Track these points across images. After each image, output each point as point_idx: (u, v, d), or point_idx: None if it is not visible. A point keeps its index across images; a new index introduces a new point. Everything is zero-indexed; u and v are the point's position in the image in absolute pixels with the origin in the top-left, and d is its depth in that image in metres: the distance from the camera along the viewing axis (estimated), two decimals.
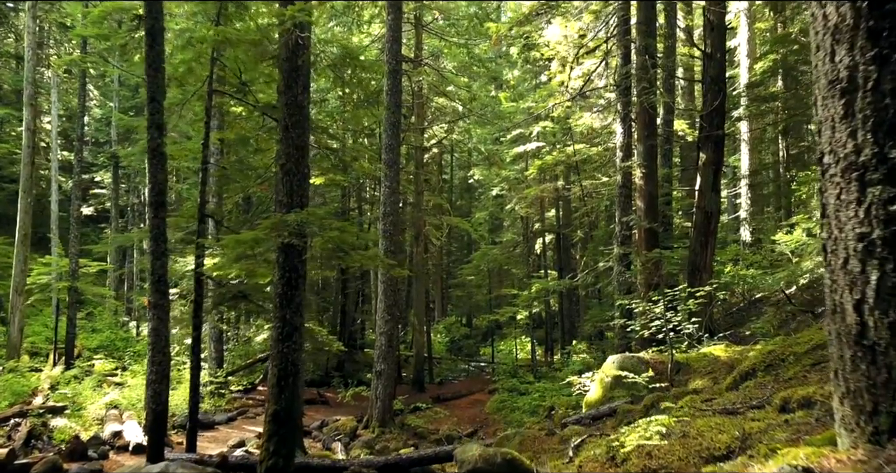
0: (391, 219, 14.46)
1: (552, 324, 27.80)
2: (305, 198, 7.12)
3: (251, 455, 10.01)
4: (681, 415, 4.28)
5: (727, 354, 8.27)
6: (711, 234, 12.39)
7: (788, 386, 4.73)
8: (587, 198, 21.91)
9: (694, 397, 5.45)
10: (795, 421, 3.16)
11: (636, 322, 10.01)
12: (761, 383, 5.16)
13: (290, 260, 6.91)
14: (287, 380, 6.79)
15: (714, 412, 4.24)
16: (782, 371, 5.27)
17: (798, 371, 5.07)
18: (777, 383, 5.01)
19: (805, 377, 4.84)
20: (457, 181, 41.06)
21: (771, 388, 4.84)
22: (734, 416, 3.96)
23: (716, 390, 6.57)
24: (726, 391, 5.77)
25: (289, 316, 6.88)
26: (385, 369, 14.35)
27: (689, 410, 4.66)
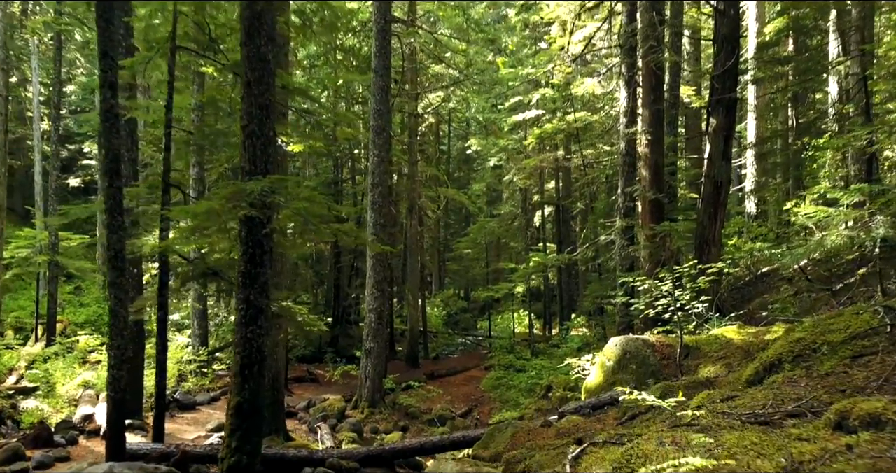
0: (380, 190, 13.64)
1: (550, 298, 27.16)
2: (271, 164, 6.30)
3: None
4: (702, 423, 3.53)
5: (741, 337, 7.54)
6: (721, 206, 11.58)
7: (828, 384, 3.99)
8: (588, 168, 21.04)
9: (711, 393, 4.71)
10: (862, 448, 2.42)
11: (640, 300, 9.26)
12: (791, 378, 4.42)
13: (253, 235, 6.12)
14: (252, 369, 6.06)
15: (742, 420, 3.50)
16: (815, 364, 4.53)
17: (835, 364, 4.33)
18: (811, 379, 4.27)
19: (846, 373, 4.09)
20: (455, 152, 40.09)
21: (805, 386, 4.10)
22: (770, 428, 3.22)
23: (732, 380, 5.85)
24: (747, 384, 5.03)
25: (253, 297, 6.12)
26: (374, 347, 13.69)
27: (709, 414, 3.93)
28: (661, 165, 12.03)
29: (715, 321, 8.52)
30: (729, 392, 4.62)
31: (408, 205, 21.06)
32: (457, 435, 7.60)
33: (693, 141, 21.45)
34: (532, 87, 22.41)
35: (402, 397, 14.93)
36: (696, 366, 7.19)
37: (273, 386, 10.60)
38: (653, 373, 7.48)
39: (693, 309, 8.34)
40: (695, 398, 4.73)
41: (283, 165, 10.89)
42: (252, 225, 6.13)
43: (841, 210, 7.07)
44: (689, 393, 5.93)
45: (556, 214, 25.30)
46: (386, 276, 14.15)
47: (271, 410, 10.59)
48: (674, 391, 6.15)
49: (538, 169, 23.07)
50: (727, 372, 6.44)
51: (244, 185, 5.75)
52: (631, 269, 12.40)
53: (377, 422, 13.18)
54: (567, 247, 22.46)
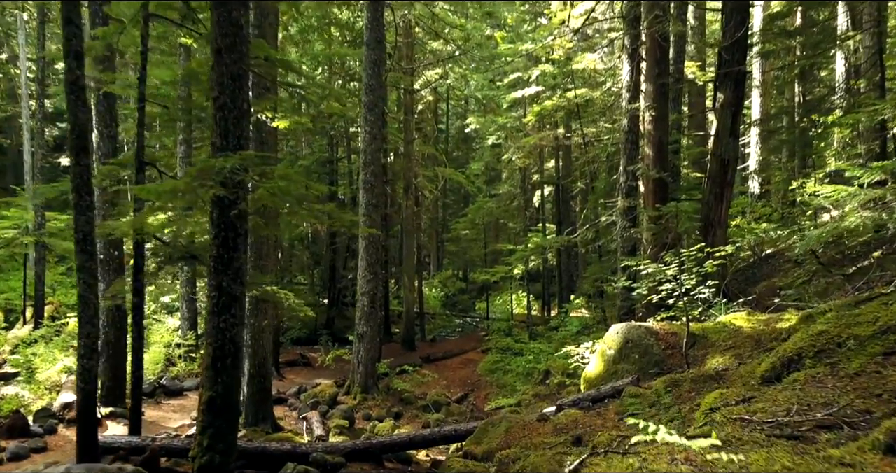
0: (372, 168, 13.11)
1: (549, 278, 26.73)
2: (244, 139, 5.78)
3: None
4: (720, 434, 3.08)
5: (750, 325, 7.09)
6: (728, 185, 11.07)
7: (859, 387, 3.53)
8: (588, 146, 20.45)
9: (724, 392, 4.25)
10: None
11: (642, 284, 8.78)
12: (814, 377, 3.97)
13: (225, 216, 5.63)
14: (224, 361, 5.61)
15: (766, 431, 3.04)
16: (841, 360, 4.07)
17: (865, 362, 3.87)
18: (838, 379, 3.82)
19: (879, 373, 3.63)
20: (453, 131, 39.42)
21: (833, 388, 3.64)
22: (802, 444, 2.76)
23: (744, 374, 5.40)
24: (763, 381, 4.58)
25: (226, 283, 5.64)
26: (367, 331, 13.27)
27: (726, 420, 3.48)
28: (666, 143, 11.49)
29: (722, 307, 8.07)
30: (744, 391, 4.16)
31: (404, 184, 20.51)
32: (448, 429, 7.20)
33: (696, 118, 20.87)
34: (532, 64, 21.73)
35: (396, 382, 14.54)
36: (703, 356, 6.75)
37: (259, 373, 10.21)
38: (656, 363, 7.05)
39: (699, 294, 7.89)
40: (706, 397, 4.28)
41: (268, 143, 10.37)
42: (224, 205, 5.64)
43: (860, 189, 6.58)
44: (696, 388, 5.49)
45: (555, 194, 24.76)
46: (379, 258, 13.68)
47: (258, 398, 10.21)
48: (680, 384, 5.72)
49: (537, 147, 22.48)
50: (737, 363, 5.99)
51: (213, 162, 5.25)
52: (632, 251, 11.93)
53: (370, 408, 12.81)
54: (567, 228, 21.97)
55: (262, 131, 10.12)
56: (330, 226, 10.11)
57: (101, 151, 10.85)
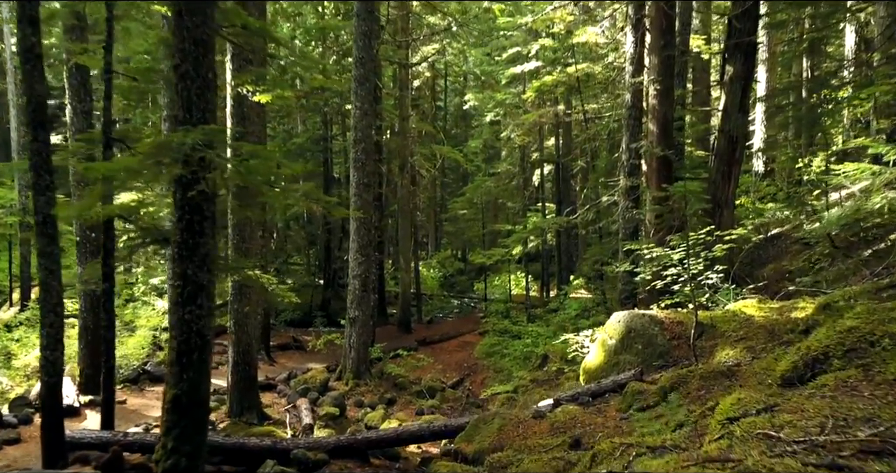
0: (363, 146, 12.53)
1: (549, 258, 26.22)
2: (210, 113, 5.23)
3: None
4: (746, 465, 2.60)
5: (762, 313, 6.61)
6: (736, 163, 10.55)
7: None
8: (589, 123, 19.81)
9: (742, 397, 3.75)
10: None
11: (645, 268, 8.28)
12: (846, 383, 3.48)
13: (191, 199, 5.11)
14: (191, 356, 5.13)
15: (800, 457, 2.56)
16: (876, 363, 3.59)
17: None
18: (874, 386, 3.33)
19: None
20: (452, 108, 38.66)
21: (871, 397, 3.15)
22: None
23: (759, 371, 4.92)
24: (783, 383, 4.10)
25: (191, 271, 5.14)
26: (359, 315, 12.81)
27: (748, 436, 3.00)
28: (671, 118, 10.91)
29: (731, 293, 7.58)
30: (765, 396, 3.67)
31: (399, 163, 19.93)
32: (438, 424, 6.76)
33: (700, 94, 20.22)
34: (531, 38, 21.01)
35: (389, 366, 14.13)
36: (712, 348, 6.27)
37: (244, 360, 9.77)
38: (661, 355, 6.58)
39: (706, 280, 7.40)
40: (721, 402, 3.79)
41: (251, 118, 9.79)
42: (188, 186, 5.11)
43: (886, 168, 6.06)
44: (706, 386, 5.02)
45: (555, 173, 24.16)
46: (371, 240, 13.17)
47: (243, 386, 9.78)
48: (688, 380, 5.25)
49: (537, 124, 21.84)
50: (750, 357, 5.51)
51: (171, 137, 4.71)
52: (634, 233, 11.42)
53: (362, 395, 12.40)
54: (567, 207, 21.43)
55: (244, 106, 9.54)
56: (308, 208, 9.59)
57: (76, 127, 10.30)
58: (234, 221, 9.59)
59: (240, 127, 9.50)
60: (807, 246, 12.06)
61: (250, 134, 9.66)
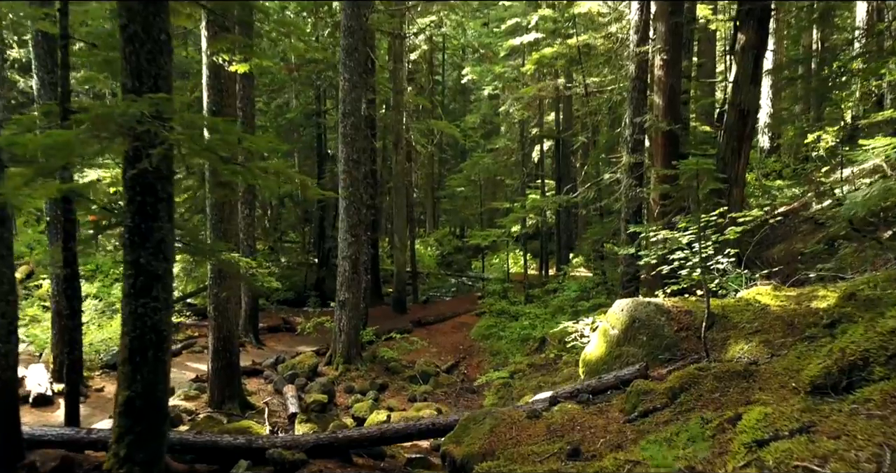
0: (353, 120, 11.89)
1: (548, 236, 25.66)
2: (164, 80, 4.62)
3: None
4: None
5: (779, 302, 6.06)
6: (746, 139, 9.94)
7: None
8: (590, 96, 19.09)
9: (769, 412, 3.21)
10: None
11: (650, 251, 7.71)
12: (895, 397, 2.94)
13: (142, 178, 4.53)
14: (145, 354, 4.60)
15: None
16: None
17: None
18: None
19: None
20: (450, 82, 37.79)
21: None
22: None
23: (780, 371, 4.39)
24: (814, 390, 3.56)
25: (144, 259, 4.58)
26: (350, 298, 12.29)
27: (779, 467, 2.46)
28: (678, 90, 10.26)
29: (742, 280, 7.03)
30: (796, 410, 3.13)
31: (393, 138, 19.25)
32: (425, 422, 6.26)
33: (705, 67, 19.48)
34: (531, 8, 20.20)
35: (382, 350, 13.66)
36: (724, 341, 5.74)
37: (224, 347, 9.27)
38: (667, 347, 6.05)
39: (716, 264, 6.86)
40: (744, 418, 3.26)
41: (228, 91, 9.14)
42: (137, 163, 4.53)
43: None
44: (721, 388, 4.50)
45: (555, 149, 23.48)
46: (361, 219, 12.59)
47: (224, 375, 9.30)
48: (700, 381, 4.72)
49: (536, 98, 21.12)
50: (769, 354, 4.98)
51: (112, 108, 4.11)
52: (637, 212, 10.84)
53: (353, 380, 11.95)
54: (567, 184, 20.79)
55: (221, 78, 8.88)
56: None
57: (43, 101, 9.65)
58: (212, 200, 9.01)
59: (217, 99, 8.86)
60: (818, 225, 11.49)
61: (228, 107, 9.02)
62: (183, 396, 9.48)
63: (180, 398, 9.43)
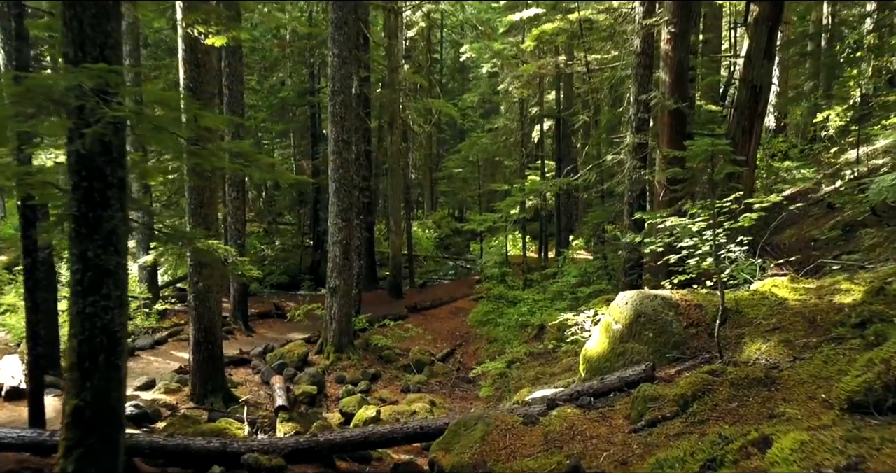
0: (342, 98, 11.30)
1: (547, 219, 25.12)
2: (113, 50, 4.08)
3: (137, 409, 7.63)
4: None
5: (797, 295, 5.57)
6: (758, 117, 9.38)
7: None
8: (592, 74, 18.43)
9: (806, 440, 2.73)
10: None
11: (655, 238, 7.16)
12: None
13: (89, 161, 4.00)
14: (96, 359, 4.11)
15: None
16: None
17: None
18: None
19: None
20: (448, 61, 36.97)
21: None
22: None
23: (806, 378, 3.91)
24: (852, 408, 3.08)
25: (92, 253, 4.07)
26: (341, 285, 11.81)
27: None
28: (687, 66, 9.66)
29: (756, 270, 6.52)
30: (839, 439, 2.65)
31: (388, 118, 18.63)
32: (413, 425, 5.80)
33: (710, 43, 18.81)
34: None
35: (375, 337, 13.22)
36: (739, 339, 5.26)
37: (206, 338, 8.81)
38: (676, 345, 5.57)
39: (728, 253, 6.34)
40: (776, 445, 2.78)
41: (206, 66, 8.55)
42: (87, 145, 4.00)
43: None
44: (740, 397, 4.02)
45: (556, 129, 22.85)
46: (353, 203, 12.05)
47: (206, 367, 8.85)
48: (714, 388, 4.25)
49: (536, 76, 20.44)
50: (791, 357, 4.49)
51: (47, 79, 3.57)
52: (642, 195, 10.32)
53: (344, 370, 11.52)
54: (567, 165, 20.25)
55: (198, 52, 8.29)
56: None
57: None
58: (191, 184, 8.48)
59: (194, 76, 8.28)
60: (831, 209, 10.97)
61: (207, 83, 8.44)
62: (163, 389, 9.02)
63: (160, 391, 8.98)
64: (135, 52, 13.41)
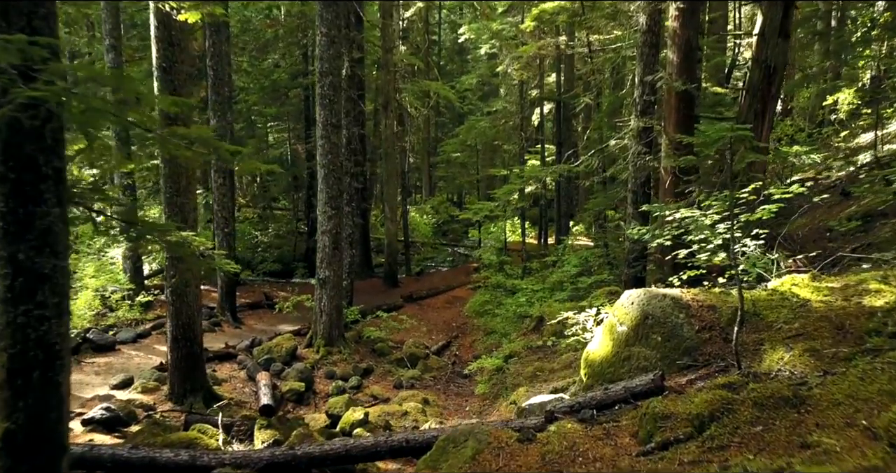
0: (331, 79, 10.70)
1: (547, 204, 24.57)
2: (44, 21, 3.52)
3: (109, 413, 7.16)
4: None
5: (820, 297, 5.05)
6: (772, 100, 8.80)
7: None
8: (594, 54, 17.77)
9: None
10: None
11: (662, 230, 6.62)
12: None
13: (17, 149, 3.48)
14: (29, 376, 3.61)
15: None
16: None
17: None
18: None
19: None
20: (447, 43, 36.18)
21: None
22: None
23: (843, 400, 3.40)
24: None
25: (24, 255, 3.55)
26: (331, 276, 11.31)
27: None
28: (696, 45, 9.08)
29: (773, 265, 5.99)
30: None
31: (382, 100, 18.01)
32: (398, 438, 5.32)
33: (717, 23, 18.11)
34: None
35: (368, 329, 12.75)
36: (758, 346, 4.75)
37: (185, 335, 8.32)
38: (687, 351, 5.07)
39: (742, 247, 5.82)
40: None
41: (180, 45, 7.96)
42: (14, 129, 3.47)
43: None
44: (764, 419, 3.53)
45: (556, 112, 22.22)
46: (342, 190, 11.51)
47: (184, 366, 8.38)
48: (735, 407, 3.76)
49: (536, 57, 19.78)
50: (820, 371, 3.98)
51: None
52: (646, 183, 9.77)
53: (334, 364, 11.06)
54: (568, 150, 19.66)
55: (171, 29, 7.70)
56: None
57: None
58: (166, 171, 7.94)
59: (168, 55, 7.70)
60: (846, 196, 10.44)
61: (182, 63, 7.86)
62: (141, 388, 8.55)
63: (137, 390, 8.51)
64: (115, 30, 12.77)
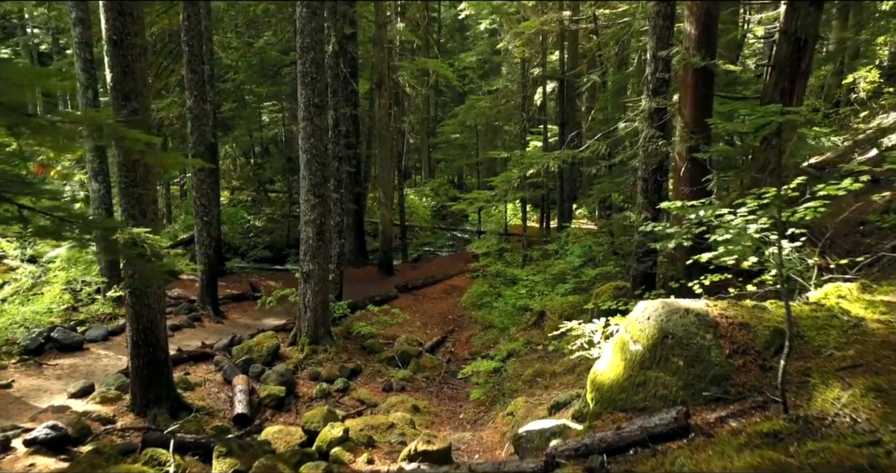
0: (312, 55, 9.77)
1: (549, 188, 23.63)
2: None
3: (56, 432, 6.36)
4: None
5: (877, 313, 4.20)
6: (802, 77, 7.85)
7: None
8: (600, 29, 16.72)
9: None
10: None
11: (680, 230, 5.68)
12: None
13: None
14: None
15: None
16: None
17: None
18: None
19: None
20: (448, 20, 34.97)
21: None
22: None
23: None
24: None
25: None
26: (315, 270, 10.48)
27: None
28: (716, 16, 8.10)
29: (814, 272, 5.12)
30: None
31: (375, 79, 17.03)
32: None
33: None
34: None
35: (358, 324, 11.97)
36: (803, 377, 3.90)
37: (147, 340, 7.50)
38: (715, 380, 4.23)
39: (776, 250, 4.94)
40: None
41: (134, 15, 7.02)
42: None
43: None
44: None
45: (559, 91, 21.18)
46: (327, 177, 10.60)
47: (147, 374, 7.58)
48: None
49: (539, 34, 18.71)
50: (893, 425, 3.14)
51: None
52: (659, 170, 8.85)
53: (319, 364, 10.28)
54: (572, 131, 18.69)
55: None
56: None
57: None
58: (120, 159, 7.06)
59: (118, 25, 6.78)
60: (876, 183, 9.52)
61: (136, 35, 6.94)
62: (100, 398, 7.74)
63: (96, 400, 7.70)
64: (82, 2, 11.81)
